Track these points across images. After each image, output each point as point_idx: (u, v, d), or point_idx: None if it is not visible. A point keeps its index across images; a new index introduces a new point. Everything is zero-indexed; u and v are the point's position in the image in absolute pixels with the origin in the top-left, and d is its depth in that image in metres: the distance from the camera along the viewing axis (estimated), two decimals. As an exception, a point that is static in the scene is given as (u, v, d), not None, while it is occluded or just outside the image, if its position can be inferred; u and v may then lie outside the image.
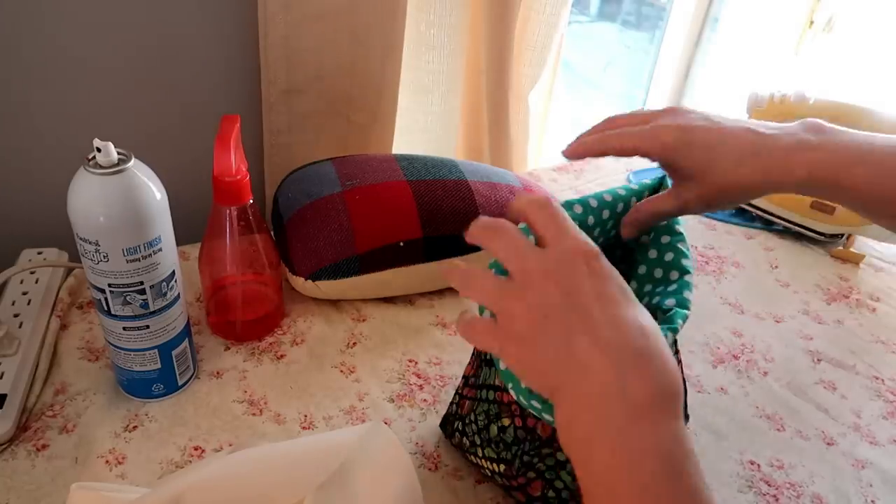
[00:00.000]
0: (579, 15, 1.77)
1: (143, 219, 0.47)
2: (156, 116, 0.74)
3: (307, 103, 0.79)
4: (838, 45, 1.19)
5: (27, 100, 0.67)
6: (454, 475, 0.54)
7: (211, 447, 0.54)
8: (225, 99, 0.77)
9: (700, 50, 1.30)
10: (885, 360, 0.71)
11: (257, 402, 0.58)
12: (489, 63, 0.87)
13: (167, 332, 0.53)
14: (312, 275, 0.66)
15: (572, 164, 1.04)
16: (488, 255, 0.37)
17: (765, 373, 0.67)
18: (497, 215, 0.73)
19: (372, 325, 0.68)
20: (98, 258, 0.47)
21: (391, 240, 0.66)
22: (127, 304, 0.50)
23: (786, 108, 0.90)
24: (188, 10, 0.70)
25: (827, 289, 0.81)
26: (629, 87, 1.63)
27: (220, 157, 0.55)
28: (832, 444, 0.60)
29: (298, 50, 0.75)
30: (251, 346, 0.64)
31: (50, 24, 0.64)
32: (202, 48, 0.73)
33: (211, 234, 0.60)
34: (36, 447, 0.52)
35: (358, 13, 0.75)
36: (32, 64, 0.65)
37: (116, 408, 0.56)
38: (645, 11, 1.84)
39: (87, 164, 0.45)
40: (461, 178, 0.71)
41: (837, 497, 0.55)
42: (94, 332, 0.63)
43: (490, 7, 0.83)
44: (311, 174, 0.71)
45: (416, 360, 0.64)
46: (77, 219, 0.46)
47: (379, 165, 0.71)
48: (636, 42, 1.85)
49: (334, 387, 0.60)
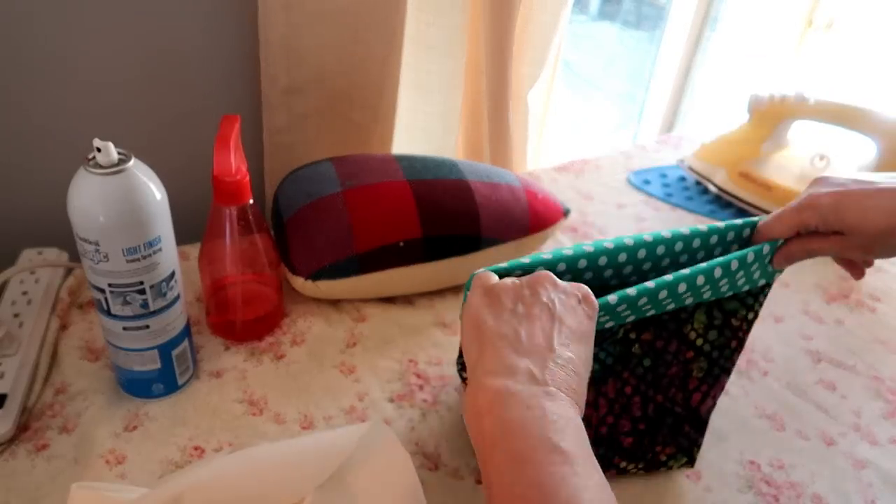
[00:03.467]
0: (579, 15, 1.76)
1: (143, 219, 0.47)
2: (156, 116, 0.74)
3: (307, 103, 0.79)
4: (838, 45, 1.19)
5: (27, 100, 0.67)
6: (454, 475, 0.54)
7: (211, 447, 0.54)
8: (225, 99, 0.77)
9: (700, 50, 1.30)
10: (885, 360, 0.71)
11: (257, 402, 0.58)
12: (489, 63, 0.87)
13: (167, 332, 0.53)
14: (312, 275, 0.66)
15: (572, 163, 1.04)
16: (488, 256, 0.38)
17: (765, 373, 0.67)
18: (497, 215, 0.73)
19: (372, 325, 0.68)
20: (98, 258, 0.47)
21: (391, 240, 0.66)
22: (127, 304, 0.50)
23: (786, 108, 0.90)
24: (188, 11, 0.70)
25: (827, 289, 0.81)
26: (629, 87, 1.62)
27: (220, 157, 0.55)
28: (832, 444, 0.60)
29: (298, 50, 0.75)
30: (251, 346, 0.64)
31: (50, 24, 0.64)
32: (202, 48, 0.73)
33: (211, 234, 0.60)
34: (36, 447, 0.52)
35: (358, 13, 0.75)
36: (33, 64, 0.65)
37: (116, 408, 0.56)
38: (645, 11, 1.83)
39: (87, 164, 0.46)
40: (461, 178, 0.71)
41: (837, 497, 0.55)
42: (94, 332, 0.63)
43: (490, 7, 0.83)
44: (311, 174, 0.71)
45: (416, 360, 0.64)
46: (77, 219, 0.46)
47: (379, 165, 0.71)
48: (636, 42, 1.85)
49: (334, 387, 0.60)
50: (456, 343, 0.66)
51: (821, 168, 0.91)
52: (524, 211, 0.72)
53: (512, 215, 0.71)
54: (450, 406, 0.60)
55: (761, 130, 0.93)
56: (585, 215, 0.91)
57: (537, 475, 0.33)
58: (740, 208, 0.94)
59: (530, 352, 0.39)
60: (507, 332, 0.40)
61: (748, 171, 0.93)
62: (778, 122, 0.92)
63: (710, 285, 0.48)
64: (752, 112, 0.93)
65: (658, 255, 0.50)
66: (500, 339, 0.39)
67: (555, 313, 0.41)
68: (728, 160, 0.95)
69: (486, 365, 0.39)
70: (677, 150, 1.12)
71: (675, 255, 0.51)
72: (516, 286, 0.43)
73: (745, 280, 0.50)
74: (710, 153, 0.97)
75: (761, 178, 0.92)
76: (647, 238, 0.50)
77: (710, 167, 0.97)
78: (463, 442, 0.56)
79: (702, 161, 0.98)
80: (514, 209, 0.72)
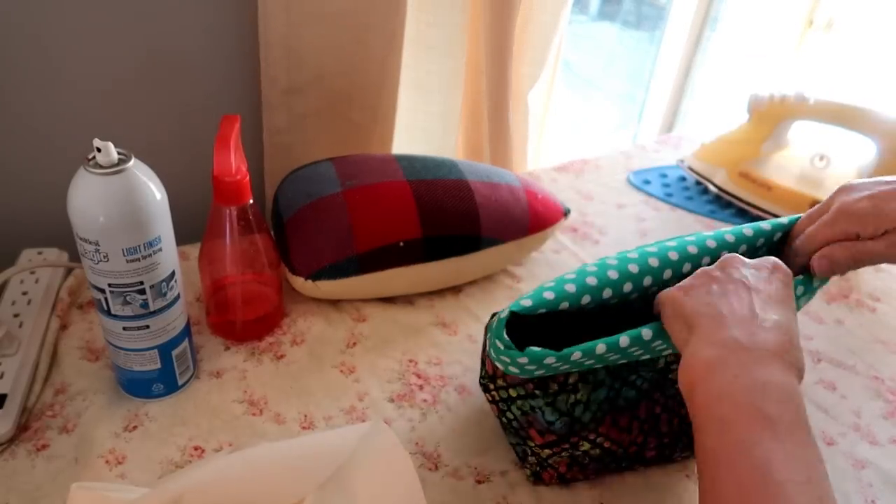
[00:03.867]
0: (579, 15, 1.77)
1: (143, 219, 0.47)
2: (156, 116, 0.74)
3: (307, 103, 0.79)
4: (838, 44, 1.19)
5: (27, 100, 0.67)
6: (454, 475, 0.54)
7: (211, 447, 0.54)
8: (225, 99, 0.77)
9: (700, 50, 1.30)
10: (885, 360, 0.71)
11: (257, 402, 0.58)
12: (489, 63, 0.87)
13: (167, 332, 0.53)
14: (312, 275, 0.66)
15: (572, 163, 1.04)
16: (488, 256, 0.38)
17: (765, 373, 0.67)
18: (497, 215, 0.73)
19: (372, 325, 0.68)
20: (98, 258, 0.47)
21: (391, 240, 0.66)
22: (127, 304, 0.50)
23: (786, 108, 0.90)
24: (188, 11, 0.70)
25: (827, 289, 0.81)
26: (629, 87, 1.62)
27: (220, 157, 0.55)
28: (832, 444, 0.60)
29: (298, 50, 0.75)
30: (251, 346, 0.64)
31: (50, 24, 0.64)
32: (202, 48, 0.73)
33: (211, 234, 0.60)
34: (36, 447, 0.52)
35: (358, 13, 0.75)
36: (32, 64, 0.65)
37: (116, 408, 0.56)
38: (645, 11, 1.83)
39: (87, 164, 0.45)
40: (461, 178, 0.71)
41: (837, 497, 0.55)
42: (94, 332, 0.63)
43: (490, 7, 0.83)
44: (311, 174, 0.71)
45: (416, 360, 0.64)
46: (77, 219, 0.46)
47: (379, 165, 0.71)
48: (636, 42, 1.85)
49: (334, 387, 0.60)
50: (456, 343, 0.67)
51: (821, 168, 0.91)
52: (524, 211, 0.72)
53: (512, 215, 0.71)
54: (450, 406, 0.60)
55: (761, 130, 0.93)
56: (585, 215, 0.91)
57: (737, 438, 0.35)
58: (740, 208, 0.94)
59: (735, 323, 0.40)
60: (708, 311, 0.42)
61: (748, 171, 0.93)
62: (778, 122, 0.92)
63: None
64: (752, 112, 0.93)
65: (665, 278, 0.50)
66: (704, 318, 0.41)
67: (750, 286, 0.43)
68: (728, 160, 0.95)
69: (696, 342, 0.41)
70: (677, 150, 1.12)
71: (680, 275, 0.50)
72: (705, 272, 0.45)
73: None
74: (710, 153, 0.97)
75: (761, 179, 0.92)
76: (654, 263, 0.49)
77: (710, 167, 0.97)
78: (463, 442, 0.56)
79: (702, 161, 0.98)
80: (514, 209, 0.72)
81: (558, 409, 0.49)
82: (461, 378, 0.63)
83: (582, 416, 0.50)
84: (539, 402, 0.49)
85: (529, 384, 0.49)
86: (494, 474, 0.54)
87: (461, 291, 0.73)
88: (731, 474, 0.34)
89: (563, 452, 0.51)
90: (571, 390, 0.49)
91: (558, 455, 0.51)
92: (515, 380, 0.49)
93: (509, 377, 0.50)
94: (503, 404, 0.52)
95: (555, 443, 0.50)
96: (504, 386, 0.51)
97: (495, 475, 0.54)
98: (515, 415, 0.51)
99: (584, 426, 0.50)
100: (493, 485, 0.53)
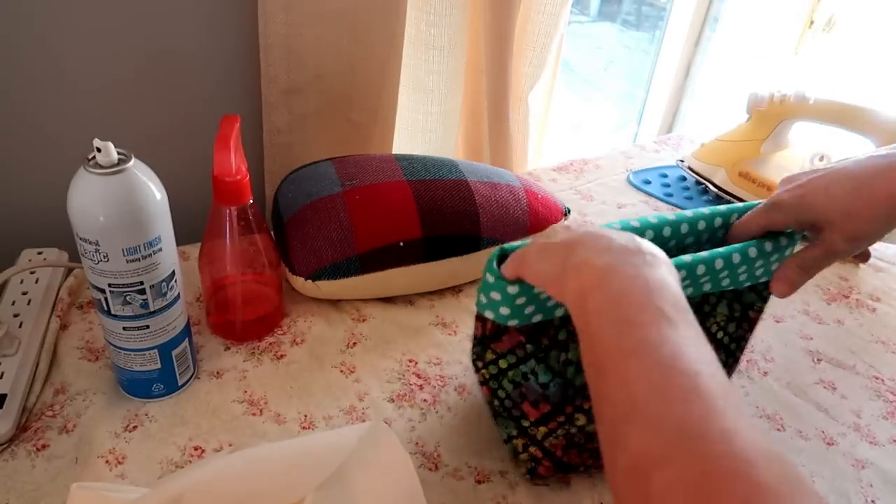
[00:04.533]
0: (579, 15, 1.77)
1: (143, 219, 0.47)
2: (156, 116, 0.74)
3: (307, 103, 0.79)
4: (838, 44, 1.19)
5: (27, 100, 0.67)
6: (454, 475, 0.54)
7: (211, 447, 0.54)
8: (225, 99, 0.77)
9: (700, 50, 1.30)
10: (885, 360, 0.71)
11: (257, 402, 0.58)
12: (489, 63, 0.87)
13: (167, 332, 0.53)
14: (312, 275, 0.66)
15: (572, 163, 1.04)
16: (487, 256, 0.38)
17: (765, 373, 0.67)
18: (497, 215, 0.73)
19: (372, 325, 0.68)
20: (98, 258, 0.47)
21: (391, 240, 0.66)
22: (127, 304, 0.50)
23: (786, 108, 0.90)
24: (188, 11, 0.70)
25: (827, 289, 0.81)
26: (629, 87, 1.62)
27: (220, 157, 0.55)
28: (832, 444, 0.60)
29: (298, 50, 0.75)
30: (251, 346, 0.64)
31: (50, 24, 0.64)
32: (202, 48, 0.73)
33: (211, 234, 0.60)
34: (36, 447, 0.52)
35: (358, 13, 0.75)
36: (33, 64, 0.65)
37: (116, 408, 0.56)
38: (645, 11, 1.83)
39: (87, 164, 0.45)
40: (461, 178, 0.71)
41: (837, 497, 0.55)
42: (94, 332, 0.63)
43: (490, 7, 0.83)
44: (311, 174, 0.71)
45: (416, 360, 0.64)
46: (77, 219, 0.46)
47: (379, 165, 0.71)
48: (636, 42, 1.85)
49: (334, 387, 0.60)
50: (456, 343, 0.67)
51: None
52: (524, 211, 0.72)
53: (512, 215, 0.71)
54: (450, 406, 0.60)
55: (761, 130, 0.93)
56: (585, 215, 0.91)
57: (644, 334, 0.35)
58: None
59: (615, 236, 0.41)
60: (586, 231, 0.42)
61: (748, 171, 0.93)
62: (778, 122, 0.92)
63: (728, 271, 0.48)
64: (751, 112, 0.93)
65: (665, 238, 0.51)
66: (585, 236, 0.41)
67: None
68: (728, 160, 0.95)
69: (584, 252, 0.40)
70: (677, 150, 1.12)
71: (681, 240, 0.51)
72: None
73: (763, 271, 0.50)
74: (709, 153, 0.97)
75: (761, 179, 0.92)
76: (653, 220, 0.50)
77: (709, 167, 0.97)
78: (463, 442, 0.56)
79: (702, 161, 0.98)
80: (514, 209, 0.72)
81: (551, 369, 0.49)
82: (461, 378, 0.63)
83: (575, 378, 0.50)
84: (531, 363, 0.49)
85: (519, 347, 0.49)
86: (494, 474, 0.54)
87: (461, 291, 0.73)
88: (642, 374, 0.33)
89: (559, 430, 0.51)
90: (563, 348, 0.49)
91: (554, 434, 0.51)
92: (506, 346, 0.50)
93: (500, 343, 0.50)
94: (494, 382, 0.53)
95: (550, 415, 0.50)
96: (494, 359, 0.51)
97: (495, 475, 0.54)
98: (507, 390, 0.52)
99: (578, 392, 0.50)
100: (493, 485, 0.53)
